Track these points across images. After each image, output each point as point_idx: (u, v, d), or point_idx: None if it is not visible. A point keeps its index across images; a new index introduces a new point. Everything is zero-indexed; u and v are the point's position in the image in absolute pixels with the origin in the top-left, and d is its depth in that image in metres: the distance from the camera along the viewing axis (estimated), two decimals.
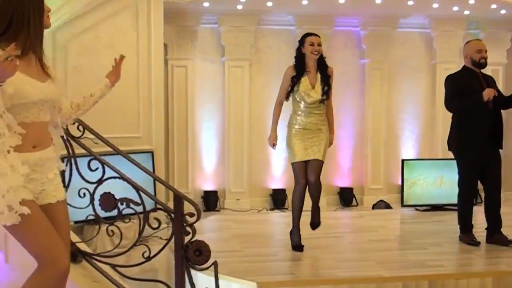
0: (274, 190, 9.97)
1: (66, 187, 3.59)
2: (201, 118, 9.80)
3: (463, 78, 5.90)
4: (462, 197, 5.93)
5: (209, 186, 9.83)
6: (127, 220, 3.67)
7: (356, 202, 10.00)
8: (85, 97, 3.31)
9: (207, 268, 3.24)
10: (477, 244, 5.79)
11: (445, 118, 9.85)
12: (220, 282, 4.58)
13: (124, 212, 3.58)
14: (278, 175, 10.04)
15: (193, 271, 4.77)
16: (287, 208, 9.72)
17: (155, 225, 3.34)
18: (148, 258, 3.29)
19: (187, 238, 3.44)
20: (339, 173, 10.24)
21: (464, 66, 6.02)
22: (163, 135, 7.99)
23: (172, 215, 3.45)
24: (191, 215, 3.24)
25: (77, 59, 7.16)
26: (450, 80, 5.98)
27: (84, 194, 3.48)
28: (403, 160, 8.31)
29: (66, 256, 2.83)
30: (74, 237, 3.56)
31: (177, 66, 9.62)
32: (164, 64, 9.52)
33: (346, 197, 10.02)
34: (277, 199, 9.87)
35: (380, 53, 10.15)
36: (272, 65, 9.97)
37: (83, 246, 3.54)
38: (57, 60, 6.97)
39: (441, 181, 7.85)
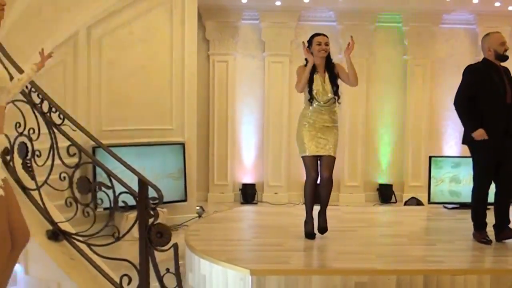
0: None
1: (50, 171, 3.84)
2: (241, 112, 10.02)
3: (484, 70, 5.80)
4: (475, 193, 5.88)
5: (247, 179, 10.03)
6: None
7: (395, 199, 9.94)
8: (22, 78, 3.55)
9: (167, 250, 3.44)
10: (488, 242, 5.73)
11: None
12: (218, 268, 4.87)
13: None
14: None
15: (196, 257, 5.05)
16: None
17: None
18: (117, 239, 3.53)
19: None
20: (379, 169, 10.22)
21: (484, 59, 5.92)
22: (195, 127, 8.20)
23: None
24: (154, 199, 3.45)
25: (111, 53, 7.49)
26: (470, 72, 5.89)
27: (64, 178, 3.73)
28: (430, 157, 8.23)
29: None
30: (57, 217, 3.83)
31: (219, 61, 9.88)
32: (206, 59, 9.88)
33: (386, 193, 9.99)
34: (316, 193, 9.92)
35: (423, 50, 10.06)
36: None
37: (64, 226, 3.81)
38: (91, 55, 7.32)
39: (470, 179, 7.72)
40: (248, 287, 4.79)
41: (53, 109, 3.85)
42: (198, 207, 8.54)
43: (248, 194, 9.88)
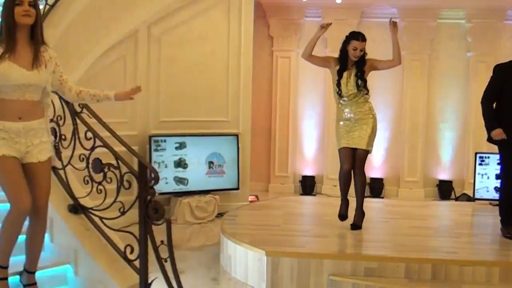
0: (371, 178, 10.23)
1: (72, 154, 4.36)
2: (302, 107, 10.34)
3: (509, 69, 5.84)
4: (502, 189, 5.92)
5: (308, 171, 10.34)
6: None
7: (455, 195, 9.94)
8: (90, 94, 4.02)
9: (161, 224, 3.86)
10: (510, 237, 5.74)
11: None
12: (240, 248, 5.29)
13: None
14: (377, 164, 10.30)
15: (224, 239, 5.47)
16: (383, 197, 9.99)
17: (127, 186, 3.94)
18: (122, 213, 3.99)
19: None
20: (439, 165, 10.24)
21: None
22: (250, 120, 8.60)
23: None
24: (151, 179, 3.88)
25: (170, 50, 8.03)
26: (497, 71, 5.94)
27: (83, 159, 4.23)
28: (476, 153, 8.22)
29: (26, 200, 3.60)
30: (78, 193, 4.36)
31: (282, 57, 10.26)
32: (269, 55, 10.28)
33: (445, 189, 10.01)
34: (374, 187, 10.13)
35: (486, 46, 9.98)
36: (375, 56, 10.17)
37: (83, 201, 4.32)
38: (151, 51, 7.89)
39: None
40: (264, 267, 5.15)
41: None
42: (253, 196, 8.96)
43: (308, 186, 10.20)
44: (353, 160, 5.99)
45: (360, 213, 6.04)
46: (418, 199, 9.61)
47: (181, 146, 7.88)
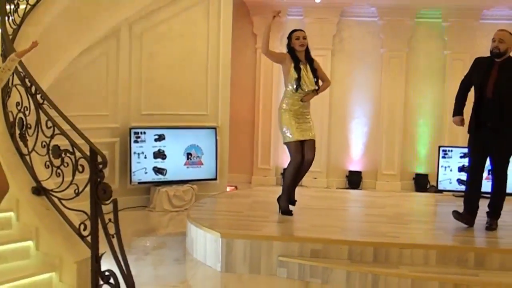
0: (350, 171, 10.64)
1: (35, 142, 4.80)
2: None
3: (479, 63, 6.04)
4: (467, 180, 6.23)
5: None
6: None
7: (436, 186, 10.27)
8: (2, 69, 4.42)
9: (108, 203, 4.27)
10: (467, 224, 6.03)
11: None
12: (200, 231, 5.71)
13: None
14: (356, 158, 10.70)
15: (188, 223, 5.90)
16: (360, 189, 10.39)
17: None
18: (77, 194, 4.42)
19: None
20: (416, 159, 10.62)
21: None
22: (228, 114, 9.04)
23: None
24: (100, 163, 4.30)
25: (152, 47, 8.46)
26: (472, 63, 6.17)
27: (44, 145, 4.66)
28: (439, 147, 8.59)
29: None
30: (41, 176, 4.80)
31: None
32: (253, 53, 10.71)
33: (421, 182, 10.38)
34: (352, 180, 10.53)
35: (462, 45, 10.33)
36: (355, 54, 10.67)
37: (45, 183, 4.75)
38: (133, 48, 8.34)
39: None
40: (219, 248, 5.57)
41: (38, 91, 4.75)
42: (232, 187, 9.39)
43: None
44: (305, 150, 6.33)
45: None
46: (395, 192, 9.97)
47: (160, 138, 8.32)
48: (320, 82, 6.40)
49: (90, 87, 7.89)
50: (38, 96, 4.67)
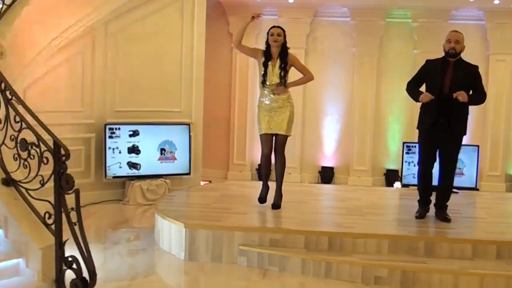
0: (323, 167, 10.95)
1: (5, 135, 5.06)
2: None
3: (433, 63, 6.38)
4: (418, 173, 6.55)
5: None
6: None
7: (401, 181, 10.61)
8: None
9: (71, 193, 4.53)
10: (419, 217, 6.39)
11: (496, 107, 10.34)
12: (166, 222, 5.97)
13: None
14: (329, 154, 11.01)
15: (156, 215, 6.17)
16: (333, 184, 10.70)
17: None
18: (43, 184, 4.68)
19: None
20: (387, 156, 10.93)
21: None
22: (202, 111, 9.33)
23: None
24: (64, 156, 4.57)
25: (127, 45, 8.72)
26: (424, 64, 6.50)
27: (13, 139, 4.91)
28: (404, 143, 8.91)
29: None
30: (10, 168, 5.06)
31: (240, 53, 10.87)
32: (229, 51, 10.98)
33: (392, 178, 10.70)
34: (325, 175, 10.84)
35: (432, 44, 10.59)
36: (328, 53, 10.98)
37: (14, 175, 5.01)
38: (108, 46, 8.58)
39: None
40: (183, 238, 5.86)
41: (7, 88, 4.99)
42: (207, 181, 9.67)
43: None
44: (273, 144, 6.61)
45: (279, 194, 6.72)
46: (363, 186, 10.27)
47: (135, 133, 8.58)
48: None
49: (66, 85, 8.14)
50: (7, 92, 4.91)
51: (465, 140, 10.15)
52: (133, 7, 8.68)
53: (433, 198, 6.51)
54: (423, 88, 6.35)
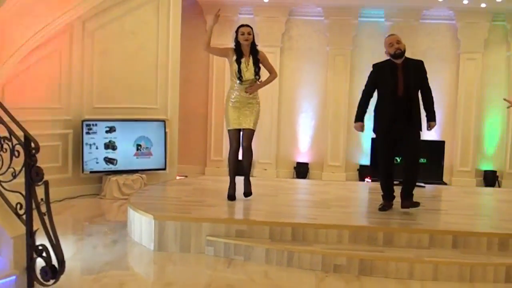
0: (298, 163, 11.22)
1: None
2: None
3: (382, 68, 6.69)
4: (379, 169, 6.83)
5: (241, 156, 11.25)
6: None
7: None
8: None
9: (41, 185, 4.76)
10: (382, 209, 6.68)
11: (466, 104, 10.64)
12: (137, 214, 6.19)
13: None
14: (303, 150, 11.28)
15: (128, 208, 6.39)
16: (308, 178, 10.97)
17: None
18: (14, 177, 4.90)
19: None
20: (360, 152, 11.21)
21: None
22: (177, 107, 9.57)
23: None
24: (33, 149, 4.79)
25: (104, 43, 8.94)
26: (372, 70, 6.79)
27: None
28: (372, 139, 9.18)
29: None
30: None
31: None
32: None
33: (364, 173, 10.98)
34: (300, 171, 11.11)
35: (405, 43, 10.87)
36: (302, 51, 11.23)
37: None
38: (85, 44, 8.80)
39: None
40: (152, 229, 6.09)
41: None
42: (183, 176, 9.90)
43: (240, 169, 11.10)
44: (241, 139, 6.86)
45: (249, 182, 7.02)
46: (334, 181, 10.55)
47: (111, 130, 8.80)
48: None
49: (44, 82, 8.35)
50: None
51: (432, 135, 10.61)
52: (111, 5, 8.89)
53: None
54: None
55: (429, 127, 6.64)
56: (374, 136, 6.84)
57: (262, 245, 5.80)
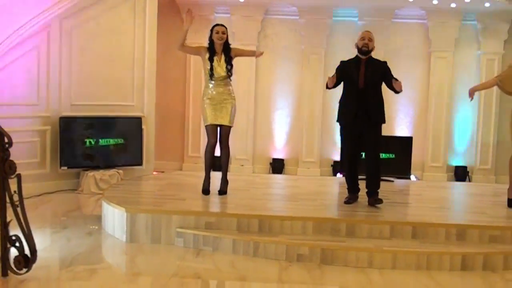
0: (274, 159, 11.48)
1: None
2: None
3: (347, 62, 7.00)
4: (345, 164, 7.11)
5: (218, 152, 11.49)
6: None
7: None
8: None
9: (14, 177, 4.98)
10: (347, 203, 6.95)
11: (437, 101, 10.96)
12: (110, 207, 6.41)
13: None
14: (279, 146, 11.54)
15: (109, 207, 6.60)
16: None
17: None
18: None
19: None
20: (334, 148, 11.47)
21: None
22: (154, 105, 9.81)
23: None
24: (7, 143, 5.01)
25: (81, 41, 9.15)
26: (338, 66, 7.09)
27: None
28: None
29: None
30: None
31: None
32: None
33: (338, 169, 11.24)
34: (275, 167, 11.37)
35: (377, 42, 11.10)
36: (278, 50, 11.49)
37: None
38: (63, 43, 9.01)
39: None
40: (124, 221, 6.32)
41: None
42: (160, 172, 10.13)
43: (217, 165, 11.31)
44: (218, 135, 7.10)
45: (225, 181, 7.25)
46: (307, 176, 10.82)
47: (89, 126, 9.02)
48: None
49: (22, 79, 8.56)
50: None
51: (404, 132, 10.91)
52: (88, 5, 9.10)
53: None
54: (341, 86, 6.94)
55: (395, 85, 6.69)
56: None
57: (229, 236, 6.04)
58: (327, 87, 6.88)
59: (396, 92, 6.80)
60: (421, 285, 5.25)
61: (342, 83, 6.93)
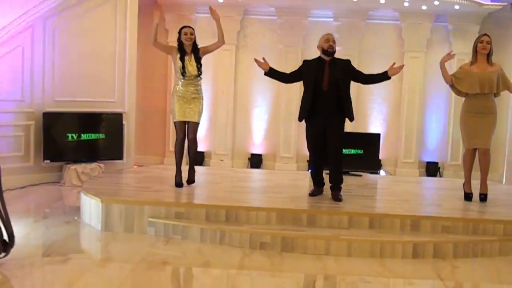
0: (252, 154, 11.90)
1: None
2: None
3: (310, 63, 7.33)
4: (311, 160, 7.53)
5: (200, 147, 11.88)
6: None
7: None
8: None
9: None
10: (311, 195, 7.38)
11: (409, 99, 11.42)
12: (87, 198, 6.82)
13: None
14: (257, 142, 11.96)
15: (86, 197, 6.99)
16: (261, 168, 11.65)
17: None
18: None
19: None
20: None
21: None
22: (134, 101, 10.23)
23: None
24: None
25: (65, 40, 9.54)
26: (302, 64, 7.48)
27: None
28: None
29: None
30: None
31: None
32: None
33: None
34: (254, 162, 11.79)
35: (352, 42, 11.64)
36: (257, 49, 11.87)
37: None
38: (47, 41, 9.40)
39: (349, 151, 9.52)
40: (100, 211, 6.74)
41: None
42: (140, 166, 10.54)
43: (198, 160, 11.78)
44: (187, 130, 7.52)
45: (193, 170, 7.69)
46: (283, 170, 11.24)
47: (72, 122, 9.42)
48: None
49: (8, 76, 8.94)
50: None
51: (378, 129, 11.33)
52: (71, 5, 9.48)
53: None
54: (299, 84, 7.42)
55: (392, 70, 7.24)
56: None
57: (198, 225, 6.45)
58: (265, 74, 7.48)
59: (372, 82, 7.46)
60: (374, 272, 5.64)
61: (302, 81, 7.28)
